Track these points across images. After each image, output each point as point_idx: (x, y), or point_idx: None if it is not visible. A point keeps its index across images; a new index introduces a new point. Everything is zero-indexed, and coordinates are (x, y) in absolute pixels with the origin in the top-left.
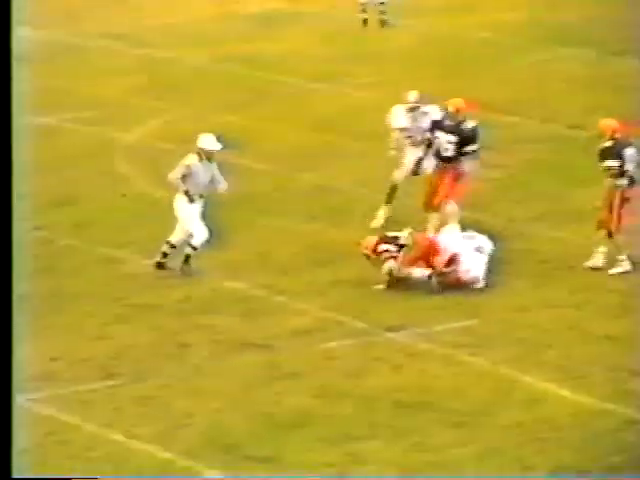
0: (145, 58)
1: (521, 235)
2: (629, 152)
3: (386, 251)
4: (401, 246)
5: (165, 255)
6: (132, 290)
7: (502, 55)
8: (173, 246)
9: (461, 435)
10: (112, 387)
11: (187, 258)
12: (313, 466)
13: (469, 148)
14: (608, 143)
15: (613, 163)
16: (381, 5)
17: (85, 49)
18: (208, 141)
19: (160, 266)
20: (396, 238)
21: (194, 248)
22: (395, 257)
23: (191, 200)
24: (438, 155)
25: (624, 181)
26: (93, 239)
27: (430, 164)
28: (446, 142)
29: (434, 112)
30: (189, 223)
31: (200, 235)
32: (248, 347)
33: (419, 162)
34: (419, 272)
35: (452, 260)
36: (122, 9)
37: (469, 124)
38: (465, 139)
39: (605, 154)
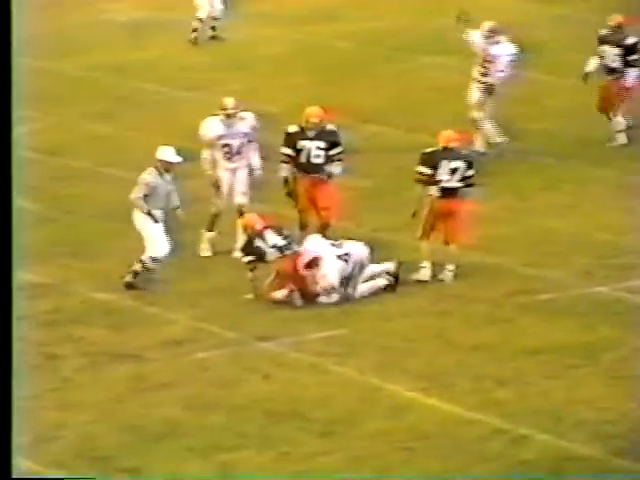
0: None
1: (386, 245)
2: (451, 164)
3: (249, 262)
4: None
5: (137, 274)
6: None
7: (368, 64)
8: (156, 260)
9: (328, 444)
10: None
11: (136, 274)
12: (183, 477)
13: (334, 151)
14: (429, 150)
15: (424, 170)
16: (214, 20)
17: None
18: (168, 153)
19: (130, 286)
20: (263, 255)
21: (149, 263)
22: (255, 268)
23: (155, 220)
24: (309, 165)
25: (433, 190)
26: None
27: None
28: (315, 148)
29: (250, 118)
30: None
31: (162, 249)
32: (118, 358)
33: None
34: (279, 294)
35: (313, 262)
36: None
37: (329, 127)
38: (331, 144)
39: (423, 160)
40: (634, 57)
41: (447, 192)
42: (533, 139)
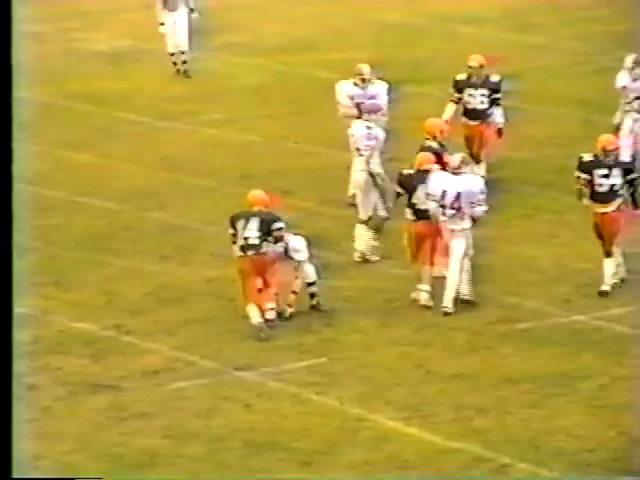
0: None
1: (367, 273)
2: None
3: (232, 235)
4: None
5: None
6: None
7: None
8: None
9: (308, 474)
10: None
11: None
12: None
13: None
14: (406, 172)
15: (400, 190)
16: (182, 54)
17: None
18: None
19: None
20: (235, 239)
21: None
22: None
23: None
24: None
25: (408, 214)
26: None
27: None
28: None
29: None
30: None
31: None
32: (97, 388)
33: None
34: (254, 316)
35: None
36: None
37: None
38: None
39: (398, 182)
40: (498, 95)
41: (423, 214)
42: (513, 168)
